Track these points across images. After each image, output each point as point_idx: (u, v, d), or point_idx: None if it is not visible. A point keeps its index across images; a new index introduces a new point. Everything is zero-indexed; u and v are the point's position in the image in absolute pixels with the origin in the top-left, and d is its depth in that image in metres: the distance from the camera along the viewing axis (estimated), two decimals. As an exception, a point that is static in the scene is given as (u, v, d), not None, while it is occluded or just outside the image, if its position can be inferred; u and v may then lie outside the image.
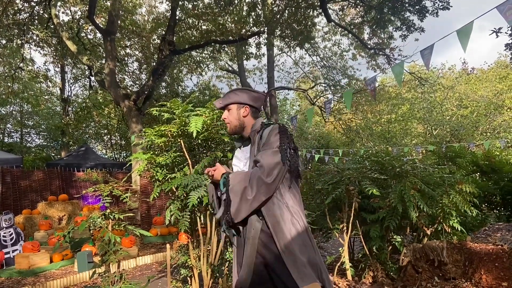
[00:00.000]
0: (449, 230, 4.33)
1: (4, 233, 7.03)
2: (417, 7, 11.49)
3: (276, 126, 2.17)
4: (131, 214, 5.55)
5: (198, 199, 3.26)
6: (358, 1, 13.23)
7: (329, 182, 4.58)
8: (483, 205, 6.66)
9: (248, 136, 2.28)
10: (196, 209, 3.78)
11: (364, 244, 4.45)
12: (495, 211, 6.90)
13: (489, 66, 26.72)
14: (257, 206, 2.01)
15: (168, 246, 4.14)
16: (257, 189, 1.99)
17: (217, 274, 3.91)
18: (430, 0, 11.46)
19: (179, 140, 3.69)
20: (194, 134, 3.27)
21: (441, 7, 11.38)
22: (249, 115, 2.28)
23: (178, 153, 3.78)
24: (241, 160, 2.29)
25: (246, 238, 2.08)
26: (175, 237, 8.24)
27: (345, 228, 4.38)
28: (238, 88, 2.34)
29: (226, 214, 2.04)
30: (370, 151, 6.62)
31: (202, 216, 3.86)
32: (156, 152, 3.90)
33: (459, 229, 4.25)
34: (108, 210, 3.44)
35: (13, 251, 6.98)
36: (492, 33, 3.71)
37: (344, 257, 4.39)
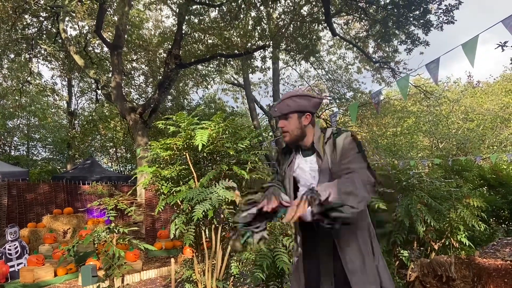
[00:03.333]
0: (457, 245, 4.27)
1: (10, 246, 7.03)
2: (421, 21, 11.54)
3: (349, 134, 2.09)
4: (136, 228, 5.53)
5: (203, 213, 3.24)
6: (362, 15, 13.31)
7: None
8: (491, 220, 6.57)
9: (309, 146, 2.15)
10: (201, 222, 3.76)
11: (370, 258, 4.39)
12: (503, 225, 6.81)
13: (494, 79, 26.71)
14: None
15: (172, 260, 4.11)
16: (364, 188, 1.89)
17: (222, 289, 3.87)
18: (435, 14, 11.52)
19: (184, 153, 3.69)
20: (200, 147, 3.27)
21: (446, 21, 11.42)
22: (310, 123, 2.14)
23: (183, 166, 3.78)
24: (306, 172, 2.14)
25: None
26: (180, 251, 8.19)
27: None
28: (297, 94, 2.13)
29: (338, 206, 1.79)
30: (376, 164, 6.59)
31: (207, 230, 3.84)
32: (162, 165, 3.91)
33: (467, 244, 4.19)
34: (113, 224, 3.43)
35: (18, 265, 6.97)
36: (498, 47, 3.72)
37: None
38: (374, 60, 16.18)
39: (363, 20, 14.07)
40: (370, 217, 2.20)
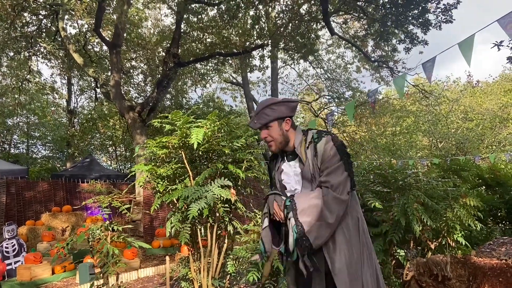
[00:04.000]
0: (453, 244, 4.27)
1: (7, 244, 7.02)
2: (420, 20, 11.53)
3: (330, 138, 2.09)
4: (131, 226, 5.53)
5: (199, 211, 3.24)
6: (361, 14, 13.30)
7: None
8: (488, 219, 6.57)
9: (292, 150, 2.18)
10: (197, 221, 3.76)
11: (366, 257, 4.39)
12: (500, 225, 6.81)
13: (494, 79, 26.73)
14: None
15: (167, 258, 4.12)
16: (337, 210, 1.94)
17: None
18: (433, 13, 11.51)
19: (180, 151, 3.69)
20: (195, 146, 3.27)
21: (444, 20, 11.41)
22: (291, 127, 2.17)
23: (179, 164, 3.78)
24: (290, 176, 2.18)
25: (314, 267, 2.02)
26: (177, 249, 8.20)
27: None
28: (272, 102, 2.15)
29: (303, 240, 1.92)
30: (374, 163, 6.59)
31: (202, 229, 3.84)
32: (158, 164, 3.90)
33: (464, 243, 4.20)
34: (107, 222, 3.43)
35: (15, 263, 6.96)
36: (494, 46, 3.71)
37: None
38: (373, 59, 16.18)
39: (362, 19, 14.06)
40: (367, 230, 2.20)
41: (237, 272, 4.16)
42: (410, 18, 11.63)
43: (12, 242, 7.08)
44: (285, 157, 2.23)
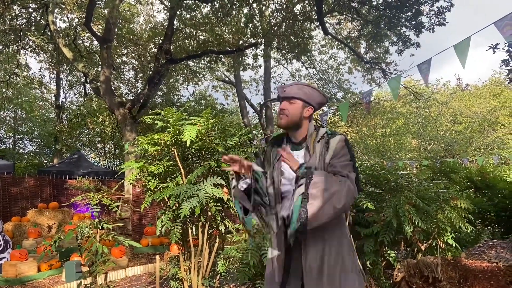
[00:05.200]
0: (444, 246, 4.28)
1: (-8, 240, 6.89)
2: (413, 22, 11.60)
3: (344, 138, 2.10)
4: (121, 224, 5.45)
5: (190, 210, 3.19)
6: (355, 16, 13.33)
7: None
8: (477, 222, 6.63)
9: (300, 140, 2.15)
10: (188, 220, 3.72)
11: (358, 258, 4.39)
12: (489, 227, 6.87)
13: (483, 83, 27.04)
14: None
15: (158, 257, 4.06)
16: (346, 199, 1.91)
17: (208, 287, 3.82)
18: (427, 16, 11.58)
19: (172, 149, 3.64)
20: (188, 144, 3.22)
21: (437, 23, 11.49)
22: (309, 117, 2.15)
23: (171, 162, 3.73)
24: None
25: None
26: (166, 248, 8.12)
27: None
28: (309, 85, 2.16)
29: (303, 213, 1.85)
30: (365, 164, 6.60)
31: (194, 227, 3.79)
32: (149, 161, 3.85)
33: (454, 245, 4.21)
34: (97, 220, 3.36)
35: (0, 259, 6.83)
36: (489, 49, 3.73)
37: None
38: (365, 60, 16.23)
39: (355, 20, 14.10)
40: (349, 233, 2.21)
41: (228, 272, 4.12)
42: (403, 20, 11.68)
43: (-3, 239, 6.94)
44: (289, 146, 2.19)
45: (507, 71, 6.17)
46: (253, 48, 15.11)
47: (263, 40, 14.31)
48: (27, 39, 15.47)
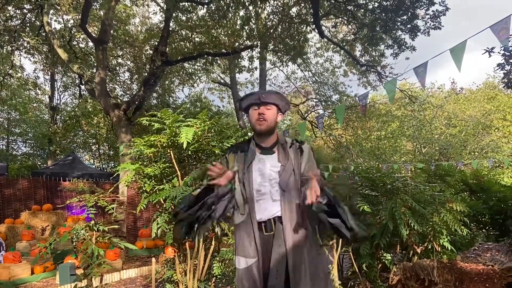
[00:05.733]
0: (439, 249, 4.29)
1: (-15, 242, 6.82)
2: (408, 26, 11.66)
3: (311, 147, 2.33)
4: (116, 226, 5.41)
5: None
6: (350, 19, 13.38)
7: (319, 198, 4.51)
8: (472, 224, 6.65)
9: (271, 145, 2.24)
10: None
11: (353, 261, 4.38)
12: (483, 230, 6.90)
13: (477, 86, 27.22)
14: None
15: (153, 260, 4.03)
16: None
17: (204, 290, 3.80)
18: (422, 19, 11.65)
19: (168, 151, 3.62)
20: (185, 145, 3.20)
21: (433, 26, 11.56)
22: (278, 123, 2.29)
23: (167, 164, 3.70)
24: (266, 167, 2.20)
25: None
26: (161, 251, 8.08)
27: (334, 244, 4.31)
28: (280, 93, 2.33)
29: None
30: (361, 167, 6.60)
31: (189, 230, 3.76)
32: (145, 163, 3.82)
33: (450, 248, 4.21)
34: (93, 222, 3.34)
35: (-7, 262, 6.76)
36: (485, 52, 3.75)
37: (333, 274, 4.31)
38: (360, 63, 16.30)
39: (351, 23, 14.16)
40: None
41: (223, 275, 4.10)
42: (399, 23, 11.75)
43: (-10, 241, 6.88)
44: (258, 152, 2.26)
45: (503, 75, 6.22)
46: (249, 50, 15.14)
47: (259, 42, 14.34)
48: (21, 40, 15.38)
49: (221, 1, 12.65)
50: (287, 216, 2.09)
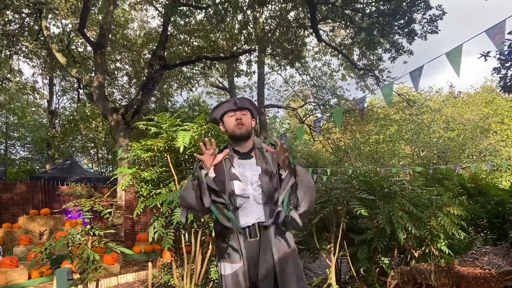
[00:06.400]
0: (437, 252, 4.28)
1: (-19, 247, 6.79)
2: (406, 30, 11.70)
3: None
4: (113, 231, 5.40)
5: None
6: (348, 23, 13.43)
7: (317, 202, 4.52)
8: (470, 228, 6.65)
9: (248, 150, 2.26)
10: (181, 226, 3.68)
11: (351, 265, 4.38)
12: (481, 234, 6.90)
13: (475, 90, 27.29)
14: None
15: (150, 264, 4.02)
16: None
17: (201, 295, 3.79)
18: (419, 24, 11.69)
19: (165, 155, 3.62)
20: (181, 149, 3.20)
21: (430, 31, 11.61)
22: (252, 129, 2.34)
23: (164, 168, 3.70)
24: (246, 170, 2.20)
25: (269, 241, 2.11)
26: (159, 255, 8.05)
27: (332, 248, 4.31)
28: (253, 100, 2.39)
29: (293, 200, 2.10)
30: (359, 171, 6.61)
31: (186, 234, 3.76)
32: (142, 167, 3.82)
33: (447, 252, 4.21)
34: (88, 226, 3.33)
35: (-10, 266, 6.73)
36: (481, 56, 3.76)
37: (331, 278, 4.30)
38: (358, 67, 16.33)
39: (349, 28, 14.20)
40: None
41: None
42: (396, 28, 11.79)
43: (-13, 246, 6.85)
44: (236, 156, 2.27)
45: (499, 79, 6.24)
46: (247, 54, 15.17)
47: (257, 46, 14.36)
48: (20, 44, 15.39)
49: (219, 6, 12.69)
50: (271, 220, 2.10)
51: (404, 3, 11.10)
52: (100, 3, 14.72)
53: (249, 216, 2.13)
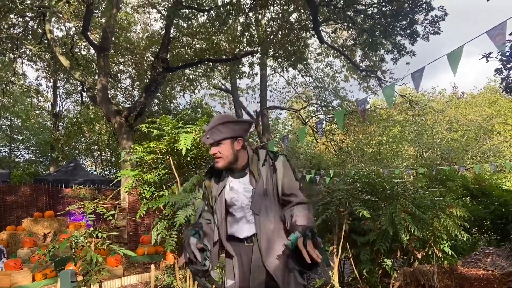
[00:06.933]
0: (440, 254, 4.27)
1: (-14, 250, 6.83)
2: (408, 31, 11.70)
3: (285, 158, 2.19)
4: (116, 233, 5.42)
5: (186, 218, 3.18)
6: (350, 24, 13.43)
7: (320, 203, 4.52)
8: (473, 229, 6.63)
9: (242, 167, 2.17)
10: (184, 228, 3.70)
11: (354, 267, 4.38)
12: (485, 235, 6.87)
13: (478, 91, 27.21)
14: None
15: (152, 266, 4.03)
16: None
17: (203, 296, 3.79)
18: (421, 25, 11.69)
19: (168, 157, 3.64)
20: (184, 152, 3.22)
21: (432, 31, 11.60)
22: (242, 147, 2.15)
23: (166, 170, 3.72)
24: (240, 193, 2.16)
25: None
26: (162, 257, 8.06)
27: (335, 250, 4.31)
28: (227, 120, 2.12)
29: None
30: (361, 172, 6.60)
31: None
32: (145, 169, 3.84)
33: (450, 253, 4.20)
34: (91, 228, 3.34)
35: (-6, 269, 6.77)
36: (482, 57, 3.76)
37: (333, 280, 4.30)
38: (361, 68, 16.33)
39: (351, 29, 14.21)
40: None
41: (222, 281, 4.09)
42: (398, 29, 11.78)
43: (-9, 248, 6.89)
44: (232, 175, 2.22)
45: (501, 80, 6.22)
46: (249, 56, 15.19)
47: (259, 48, 14.39)
48: (24, 47, 15.49)
49: (221, 8, 12.73)
50: (263, 237, 2.09)
51: (406, 4, 11.10)
52: (103, 7, 14.79)
53: (242, 233, 2.15)
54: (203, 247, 2.00)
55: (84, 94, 17.44)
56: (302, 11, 13.70)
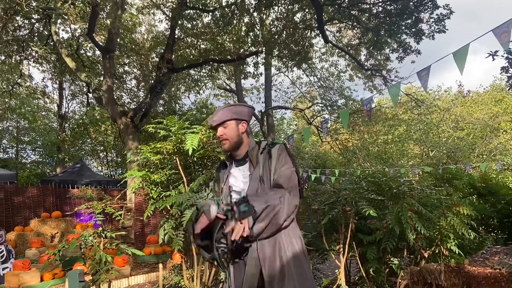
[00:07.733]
0: (447, 253, 4.27)
1: (-5, 250, 6.89)
2: (413, 30, 11.66)
3: (283, 147, 2.20)
4: (124, 233, 5.46)
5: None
6: (355, 23, 13.41)
7: (326, 202, 4.53)
8: (480, 228, 6.60)
9: (243, 155, 2.22)
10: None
11: (360, 266, 4.38)
12: (492, 234, 6.84)
13: (484, 89, 27.06)
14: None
15: (160, 266, 4.06)
16: (287, 214, 1.98)
17: (211, 296, 3.82)
18: (427, 23, 11.64)
19: (174, 157, 3.66)
20: (190, 152, 3.23)
21: (437, 30, 11.55)
22: (246, 131, 2.23)
23: (173, 170, 3.74)
24: (238, 180, 2.21)
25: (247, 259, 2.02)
26: (169, 256, 8.10)
27: (341, 249, 4.31)
28: (232, 104, 2.27)
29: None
30: (367, 171, 6.60)
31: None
32: (151, 170, 3.86)
33: (457, 252, 4.19)
34: (100, 228, 3.37)
35: (3, 269, 6.83)
36: (489, 56, 3.75)
37: (340, 279, 4.31)
38: (366, 67, 16.29)
39: (356, 28, 14.18)
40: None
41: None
42: (403, 27, 11.74)
43: (0, 248, 6.95)
44: (234, 163, 2.27)
45: (507, 78, 6.19)
46: (254, 56, 15.21)
47: (264, 48, 14.39)
48: (30, 49, 15.60)
49: (226, 8, 12.76)
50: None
51: (411, 3, 11.06)
52: (108, 8, 14.87)
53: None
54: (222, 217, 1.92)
55: (90, 95, 17.53)
56: (307, 10, 13.69)
